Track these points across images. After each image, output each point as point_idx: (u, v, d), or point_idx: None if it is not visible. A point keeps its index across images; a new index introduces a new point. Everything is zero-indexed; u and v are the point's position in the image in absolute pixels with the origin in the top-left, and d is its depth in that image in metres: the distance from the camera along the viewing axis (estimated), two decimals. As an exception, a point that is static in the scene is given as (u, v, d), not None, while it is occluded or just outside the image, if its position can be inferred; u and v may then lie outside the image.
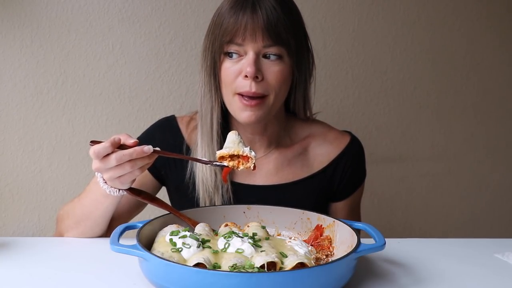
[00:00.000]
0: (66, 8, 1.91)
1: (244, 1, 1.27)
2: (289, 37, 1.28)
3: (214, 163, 1.12)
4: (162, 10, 1.97)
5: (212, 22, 1.32)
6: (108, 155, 1.06)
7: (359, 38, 2.10)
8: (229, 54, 1.28)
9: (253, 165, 1.09)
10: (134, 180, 1.14)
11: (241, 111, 1.29)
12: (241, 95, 1.27)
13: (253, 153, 1.09)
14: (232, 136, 1.13)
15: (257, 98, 1.27)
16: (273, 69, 1.27)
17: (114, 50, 1.96)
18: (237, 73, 1.27)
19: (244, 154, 1.09)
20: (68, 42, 1.93)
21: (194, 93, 2.00)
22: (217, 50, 1.29)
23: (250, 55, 1.25)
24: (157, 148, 1.09)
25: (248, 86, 1.26)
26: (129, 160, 1.06)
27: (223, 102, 1.34)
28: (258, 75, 1.25)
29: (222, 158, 1.10)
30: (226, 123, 1.38)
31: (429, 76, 2.17)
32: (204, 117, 1.35)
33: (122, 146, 1.08)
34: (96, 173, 1.14)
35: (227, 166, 1.10)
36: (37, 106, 1.94)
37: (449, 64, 2.18)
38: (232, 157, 1.10)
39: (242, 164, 1.09)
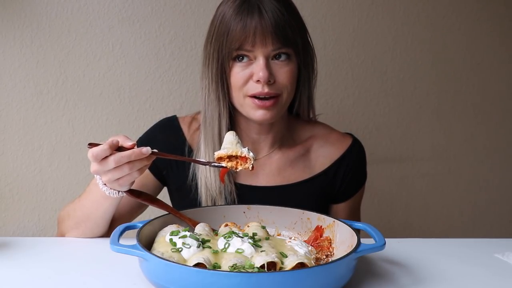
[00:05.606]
0: (66, 8, 1.91)
1: (249, 5, 1.26)
2: (296, 37, 1.29)
3: (213, 164, 1.12)
4: (162, 10, 1.97)
5: (214, 29, 1.30)
6: (106, 157, 1.05)
7: (359, 38, 2.10)
8: (237, 59, 1.28)
9: (251, 165, 1.09)
10: (133, 182, 1.13)
11: (255, 111, 1.29)
12: (253, 96, 1.27)
13: (251, 153, 1.09)
14: (229, 136, 1.13)
15: (271, 98, 1.28)
16: (283, 70, 1.28)
17: (114, 50, 1.96)
18: (248, 77, 1.27)
19: (243, 155, 1.09)
20: (68, 42, 1.93)
21: (194, 93, 2.00)
22: (225, 57, 1.28)
23: (261, 60, 1.25)
24: (155, 150, 1.09)
25: (260, 88, 1.26)
26: (128, 162, 1.06)
27: (231, 106, 1.34)
28: (270, 79, 1.26)
29: (220, 159, 1.10)
30: (231, 124, 1.38)
31: (429, 76, 2.17)
32: (209, 123, 1.35)
33: (120, 148, 1.07)
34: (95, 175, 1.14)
35: (226, 167, 1.10)
36: (37, 106, 1.94)
37: (449, 64, 2.18)
38: (230, 157, 1.10)
39: (241, 164, 1.09)
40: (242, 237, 1.02)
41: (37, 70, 1.92)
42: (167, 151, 1.16)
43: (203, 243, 1.02)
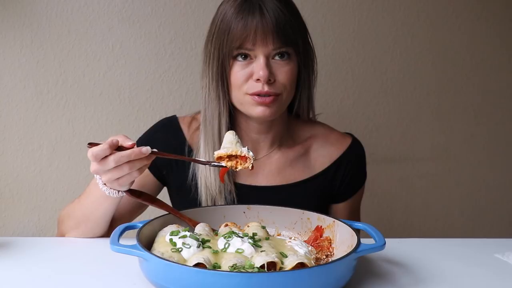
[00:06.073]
0: (66, 8, 1.91)
1: (250, 5, 1.26)
2: (296, 37, 1.29)
3: (212, 163, 1.12)
4: (162, 10, 1.97)
5: (215, 28, 1.30)
6: (106, 157, 1.06)
7: (359, 38, 2.10)
8: (238, 58, 1.28)
9: (251, 165, 1.09)
10: (133, 182, 1.13)
11: (255, 107, 1.29)
12: (253, 94, 1.27)
13: (251, 153, 1.09)
14: (229, 136, 1.13)
15: (271, 96, 1.27)
16: (283, 69, 1.28)
17: (114, 50, 1.96)
18: (248, 76, 1.27)
19: (242, 154, 1.09)
20: (68, 42, 1.93)
21: (194, 93, 2.00)
22: (226, 55, 1.28)
23: (261, 60, 1.25)
24: (155, 150, 1.09)
25: (260, 87, 1.26)
26: (127, 162, 1.06)
27: (231, 106, 1.34)
28: (270, 78, 1.26)
29: (220, 158, 1.10)
30: (231, 124, 1.38)
31: (429, 76, 2.17)
32: (209, 122, 1.35)
33: (120, 148, 1.07)
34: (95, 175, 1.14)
35: (225, 167, 1.10)
36: (37, 106, 1.94)
37: (449, 64, 2.18)
38: (230, 157, 1.10)
39: (240, 164, 1.09)
40: (242, 237, 1.02)
41: (37, 70, 1.92)
42: (167, 151, 1.16)
43: (203, 243, 1.02)
